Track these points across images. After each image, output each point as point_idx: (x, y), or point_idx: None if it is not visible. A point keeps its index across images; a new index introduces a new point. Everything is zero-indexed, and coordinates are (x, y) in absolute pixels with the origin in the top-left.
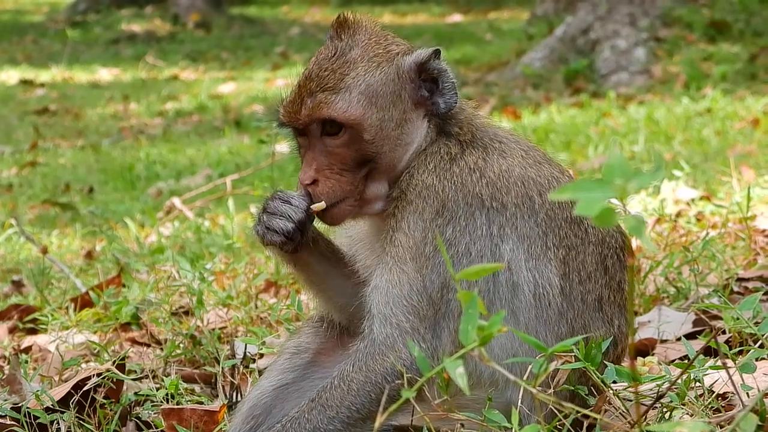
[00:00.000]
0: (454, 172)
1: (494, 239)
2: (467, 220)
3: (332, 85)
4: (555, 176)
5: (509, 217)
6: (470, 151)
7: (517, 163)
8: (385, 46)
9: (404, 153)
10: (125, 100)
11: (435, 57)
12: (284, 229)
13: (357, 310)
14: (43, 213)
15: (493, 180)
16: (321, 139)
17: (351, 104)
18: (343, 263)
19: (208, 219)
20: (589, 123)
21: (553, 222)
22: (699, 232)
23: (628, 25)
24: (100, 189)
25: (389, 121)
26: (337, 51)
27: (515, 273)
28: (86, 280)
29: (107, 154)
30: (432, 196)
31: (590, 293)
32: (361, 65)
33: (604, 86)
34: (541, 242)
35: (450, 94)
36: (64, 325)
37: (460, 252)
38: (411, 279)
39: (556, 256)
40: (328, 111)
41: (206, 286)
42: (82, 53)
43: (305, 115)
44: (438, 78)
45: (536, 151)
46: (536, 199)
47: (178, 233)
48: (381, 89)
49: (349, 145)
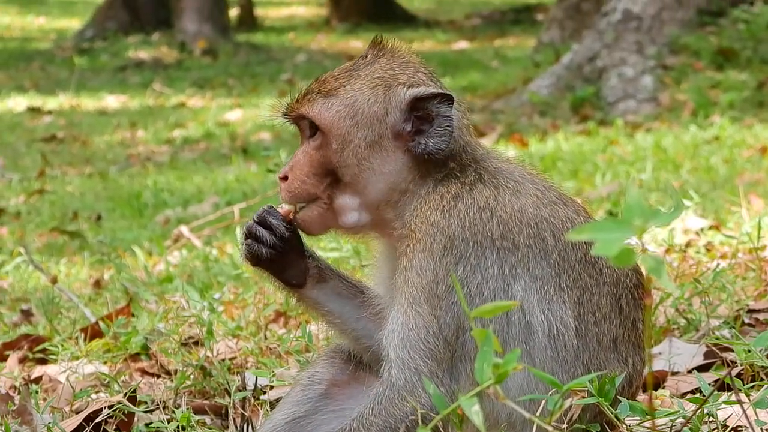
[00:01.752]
0: (459, 210)
1: (506, 279)
2: (478, 258)
3: (326, 91)
4: (569, 217)
5: (521, 258)
6: (479, 190)
7: (531, 203)
8: (399, 72)
9: (376, 179)
10: (132, 128)
11: (440, 100)
12: (246, 228)
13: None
14: (51, 241)
15: (505, 220)
16: (307, 142)
17: (329, 110)
18: (363, 302)
19: (215, 248)
20: (596, 151)
21: (567, 263)
22: (709, 263)
23: (635, 52)
24: (108, 217)
25: (361, 139)
26: (354, 65)
27: (528, 313)
28: (95, 309)
29: (115, 182)
30: (438, 234)
31: (605, 334)
32: (361, 82)
33: (611, 114)
34: (554, 283)
35: (440, 139)
36: (74, 356)
37: (473, 292)
38: (426, 321)
39: (570, 297)
40: (307, 110)
41: (216, 316)
42: (90, 80)
43: (293, 108)
44: (434, 120)
45: (552, 190)
46: (549, 240)
47: (186, 262)
48: (364, 107)
49: (319, 150)
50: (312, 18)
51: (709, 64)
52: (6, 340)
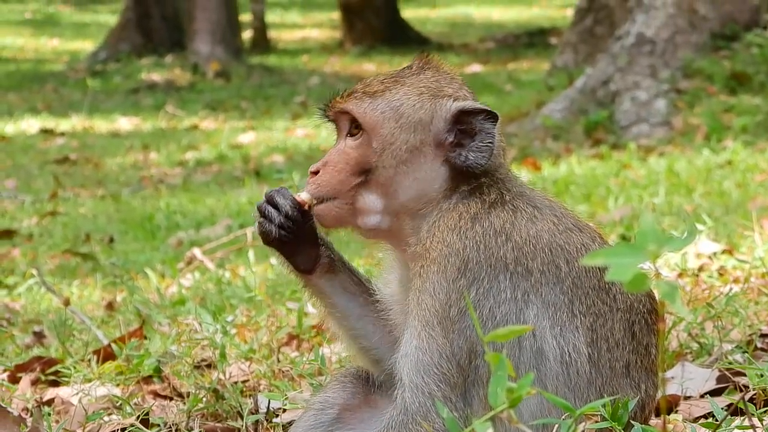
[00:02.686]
0: (476, 232)
1: (518, 304)
2: (491, 282)
3: (371, 92)
4: (584, 244)
5: (534, 283)
6: (497, 213)
7: (546, 229)
8: (444, 85)
9: (408, 184)
10: (145, 150)
11: (485, 116)
12: (257, 206)
13: (380, 353)
14: (64, 263)
15: (519, 244)
16: (344, 140)
17: (374, 110)
18: (367, 301)
19: (228, 270)
20: (609, 174)
21: (580, 290)
22: (722, 287)
23: (648, 76)
24: (121, 239)
25: (403, 142)
26: (399, 73)
27: (539, 339)
28: (108, 331)
29: (127, 204)
30: (453, 255)
31: (618, 360)
32: (407, 88)
33: (624, 138)
34: (567, 310)
35: (480, 155)
36: (87, 378)
37: (485, 315)
38: (440, 345)
39: (583, 324)
40: (352, 106)
41: (228, 339)
42: (102, 102)
43: (336, 104)
44: (476, 135)
45: (568, 217)
46: (563, 267)
47: (198, 284)
48: (409, 111)
49: (358, 148)
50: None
51: (723, 88)
52: (18, 362)
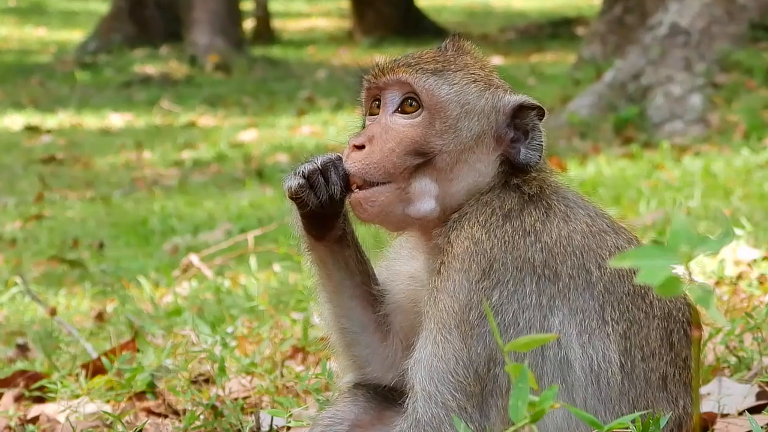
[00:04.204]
0: (506, 231)
1: (543, 310)
2: (516, 285)
3: (431, 69)
4: (619, 246)
5: (561, 288)
6: (530, 210)
7: (579, 230)
8: (487, 73)
9: (466, 174)
10: (138, 149)
11: (538, 112)
12: (307, 169)
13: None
14: (50, 270)
15: (549, 246)
16: (391, 116)
17: (441, 87)
18: (365, 285)
19: (228, 278)
20: (640, 176)
21: (612, 295)
22: (762, 297)
23: (682, 70)
24: (111, 244)
25: (467, 129)
26: (441, 55)
27: (565, 348)
28: (97, 344)
29: (119, 207)
30: (479, 254)
31: (654, 371)
32: (461, 73)
33: (656, 136)
34: (597, 316)
35: (535, 153)
36: (75, 394)
37: (507, 321)
38: (456, 350)
39: (615, 331)
40: (417, 81)
41: (228, 352)
42: (92, 97)
43: (393, 76)
44: (529, 132)
45: (604, 218)
46: (594, 271)
47: (195, 293)
48: (473, 98)
49: (415, 127)
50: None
51: (763, 83)
52: (1, 377)
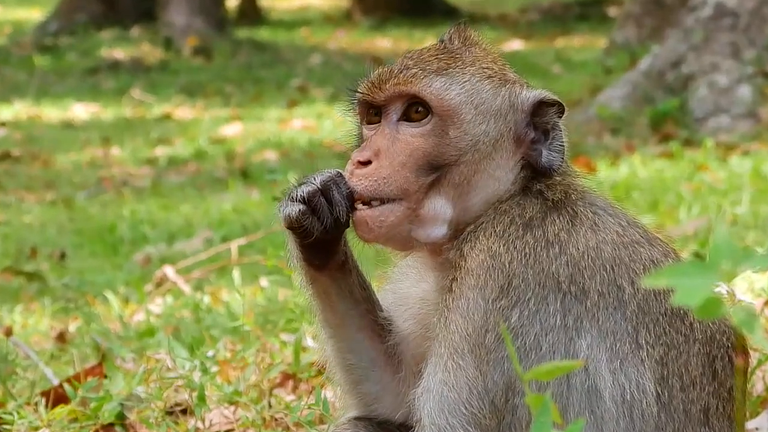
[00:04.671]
0: (526, 242)
1: (569, 332)
2: (538, 304)
3: (435, 68)
4: (655, 260)
5: (590, 307)
6: (553, 219)
7: (609, 241)
8: (501, 67)
9: (484, 185)
10: (105, 144)
11: (558, 109)
12: (306, 192)
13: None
14: (4, 284)
15: (576, 259)
16: (396, 125)
17: (450, 91)
18: (371, 313)
19: (208, 294)
20: (680, 178)
21: (648, 316)
22: None
23: (729, 57)
24: (75, 254)
25: (484, 133)
26: (446, 48)
27: (593, 375)
28: (59, 369)
29: (83, 211)
30: (497, 269)
31: (694, 402)
32: (472, 68)
33: (699, 132)
34: (630, 339)
35: (557, 156)
36: (33, 426)
37: (528, 345)
38: (470, 378)
39: (650, 357)
40: (421, 87)
41: (208, 378)
42: (53, 85)
43: (392, 86)
44: (549, 132)
45: (637, 228)
46: (626, 288)
47: (171, 311)
48: (487, 97)
49: (428, 138)
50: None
51: None
52: None
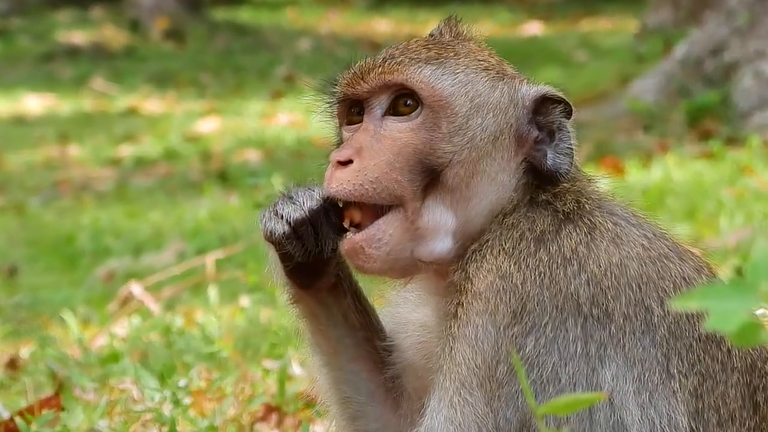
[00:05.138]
0: (540, 259)
1: (592, 361)
2: (556, 330)
3: (424, 57)
4: (687, 277)
5: (614, 332)
6: (569, 231)
7: (634, 256)
8: (498, 61)
9: (485, 189)
10: (62, 142)
11: (565, 108)
12: (293, 218)
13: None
14: None
15: (597, 277)
16: (381, 120)
17: (442, 80)
18: (371, 341)
19: (180, 314)
20: (721, 182)
21: (680, 341)
22: None
23: None
24: (28, 269)
25: (481, 128)
26: (437, 40)
27: (620, 410)
28: (9, 400)
29: (36, 219)
30: (508, 291)
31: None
32: (466, 60)
33: (743, 129)
34: (660, 368)
35: (564, 159)
36: None
37: (545, 377)
38: (479, 416)
39: (683, 388)
40: (409, 75)
41: (180, 411)
42: (2, 74)
43: (375, 76)
44: (555, 132)
45: (665, 240)
46: (655, 309)
47: (138, 334)
48: (483, 89)
49: (418, 132)
50: None
51: None
52: None
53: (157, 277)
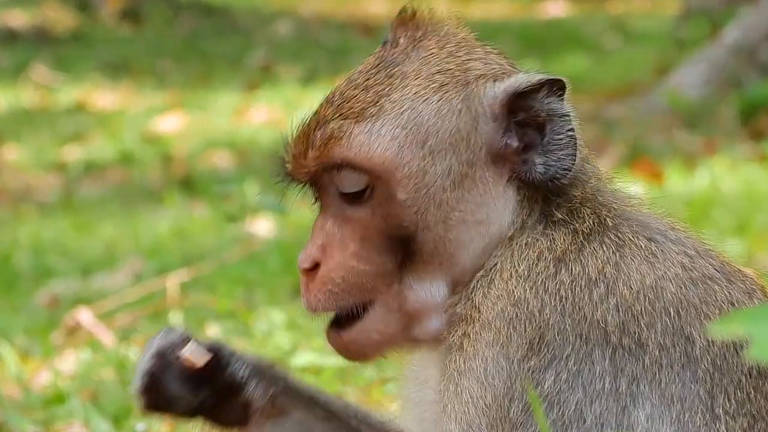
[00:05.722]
0: (561, 282)
1: (622, 399)
2: (580, 363)
3: (357, 111)
4: (735, 302)
5: (648, 366)
6: (593, 249)
7: (672, 277)
8: (464, 60)
9: (469, 237)
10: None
11: (549, 89)
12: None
13: None
14: None
15: (628, 301)
16: (338, 200)
17: (380, 140)
18: None
19: (137, 346)
20: None
21: (726, 376)
22: None
23: None
24: None
25: (443, 176)
26: (383, 60)
27: None
28: None
29: None
30: (523, 319)
31: None
32: (414, 84)
33: None
34: (703, 407)
35: (563, 154)
36: None
37: (568, 416)
38: None
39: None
40: (342, 150)
41: None
42: None
43: (312, 157)
44: (546, 124)
45: (710, 258)
46: (697, 339)
47: (88, 370)
48: (435, 124)
49: (376, 210)
50: None
51: None
52: None
53: (110, 303)
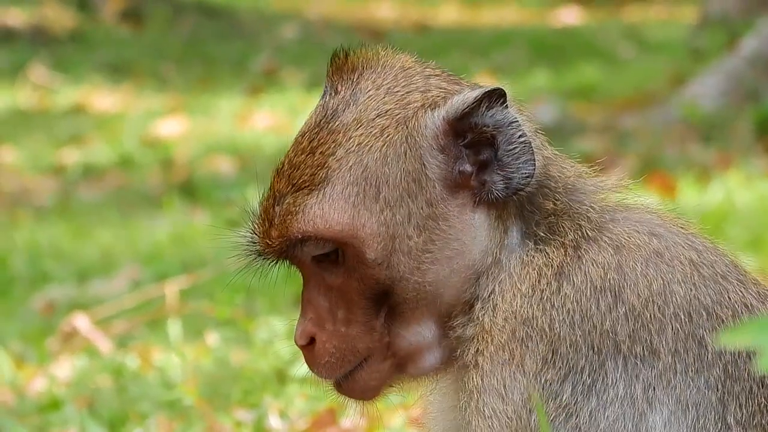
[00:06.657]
0: (566, 296)
1: (637, 405)
2: (594, 373)
3: (308, 179)
4: (748, 305)
5: (662, 371)
6: (593, 255)
7: (680, 278)
8: (402, 96)
9: (447, 274)
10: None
11: (489, 101)
12: None
13: None
14: None
15: (636, 308)
16: (316, 268)
17: (333, 206)
18: None
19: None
20: None
21: (738, 383)
22: None
23: None
24: None
25: (404, 223)
26: (325, 115)
27: None
28: None
29: None
30: (535, 338)
31: None
32: (356, 134)
33: None
34: (716, 414)
35: (521, 162)
36: None
37: (583, 426)
38: None
39: None
40: (300, 225)
41: None
42: None
43: (276, 236)
44: (496, 137)
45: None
46: (710, 344)
47: (83, 377)
48: (384, 173)
49: (350, 274)
50: None
51: None
52: None
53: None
